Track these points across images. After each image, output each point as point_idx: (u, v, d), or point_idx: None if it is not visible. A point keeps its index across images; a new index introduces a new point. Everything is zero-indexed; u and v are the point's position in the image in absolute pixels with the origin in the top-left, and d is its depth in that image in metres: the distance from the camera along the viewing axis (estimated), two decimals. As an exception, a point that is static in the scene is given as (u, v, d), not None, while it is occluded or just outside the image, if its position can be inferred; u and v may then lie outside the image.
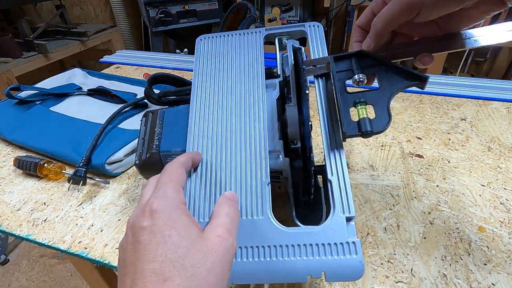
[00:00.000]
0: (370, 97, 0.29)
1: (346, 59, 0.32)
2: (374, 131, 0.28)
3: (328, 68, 0.33)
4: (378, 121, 0.28)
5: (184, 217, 0.22)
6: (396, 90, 0.29)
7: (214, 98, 0.34)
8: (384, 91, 0.29)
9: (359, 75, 0.30)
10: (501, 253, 0.36)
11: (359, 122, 0.28)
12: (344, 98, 0.30)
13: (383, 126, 0.28)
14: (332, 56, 0.32)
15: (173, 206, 0.23)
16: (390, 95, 0.29)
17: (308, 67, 0.33)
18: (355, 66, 0.31)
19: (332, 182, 0.28)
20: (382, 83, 0.30)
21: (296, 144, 0.29)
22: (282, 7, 2.01)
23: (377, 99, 0.29)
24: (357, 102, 0.29)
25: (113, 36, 1.97)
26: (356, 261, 0.25)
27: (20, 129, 0.58)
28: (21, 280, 1.24)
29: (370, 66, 0.31)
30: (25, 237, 0.41)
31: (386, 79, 0.30)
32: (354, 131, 0.28)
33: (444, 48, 0.29)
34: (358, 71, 0.31)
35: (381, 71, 0.31)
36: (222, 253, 0.22)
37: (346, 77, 0.31)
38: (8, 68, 1.41)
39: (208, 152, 0.31)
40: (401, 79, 0.30)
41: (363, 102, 0.29)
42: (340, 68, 0.32)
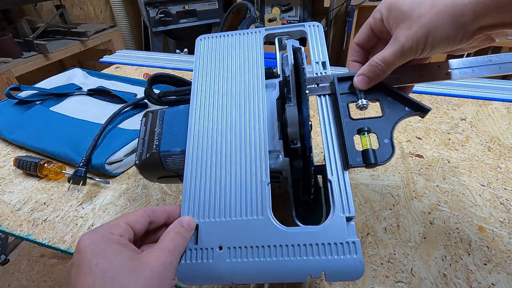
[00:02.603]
0: (374, 125, 0.29)
1: (349, 80, 0.31)
2: (378, 163, 0.28)
3: (331, 89, 0.32)
4: (381, 152, 0.28)
5: (113, 244, 0.23)
6: (399, 119, 0.29)
7: (214, 98, 0.34)
8: (388, 120, 0.29)
9: (363, 101, 0.30)
10: (501, 253, 0.36)
11: (364, 153, 0.28)
12: (348, 124, 0.30)
13: (387, 158, 0.28)
14: (336, 76, 0.32)
15: (101, 237, 0.23)
16: (393, 124, 0.29)
17: (310, 85, 0.32)
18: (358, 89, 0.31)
19: (332, 182, 0.28)
20: (385, 110, 0.30)
21: (296, 144, 0.29)
22: (282, 7, 2.01)
23: (380, 128, 0.29)
24: (361, 130, 0.29)
25: (113, 36, 1.98)
26: (356, 261, 0.25)
27: (20, 129, 0.58)
28: (21, 280, 1.24)
29: (374, 91, 0.31)
30: (25, 237, 0.41)
31: (389, 106, 0.30)
32: (359, 162, 0.28)
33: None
34: (362, 96, 0.30)
35: (384, 98, 0.30)
36: (158, 270, 0.22)
37: (349, 101, 0.31)
38: (8, 68, 1.41)
39: (208, 152, 0.31)
40: (403, 108, 0.30)
41: (367, 130, 0.29)
42: (343, 89, 0.31)
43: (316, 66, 0.34)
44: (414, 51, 0.26)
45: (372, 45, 0.33)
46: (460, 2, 0.23)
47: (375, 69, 0.29)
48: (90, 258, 0.21)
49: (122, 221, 0.25)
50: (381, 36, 0.32)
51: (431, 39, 0.25)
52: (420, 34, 0.25)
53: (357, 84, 0.30)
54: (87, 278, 0.21)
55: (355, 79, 0.30)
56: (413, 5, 0.26)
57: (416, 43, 0.25)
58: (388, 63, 0.28)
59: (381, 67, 0.28)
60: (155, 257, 0.23)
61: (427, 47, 0.26)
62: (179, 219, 0.28)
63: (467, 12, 0.23)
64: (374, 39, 0.32)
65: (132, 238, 0.25)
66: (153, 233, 0.28)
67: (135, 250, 0.24)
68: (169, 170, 0.34)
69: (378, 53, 0.28)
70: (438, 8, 0.24)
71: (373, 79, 0.29)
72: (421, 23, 0.25)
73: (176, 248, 0.25)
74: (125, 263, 0.22)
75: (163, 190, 0.48)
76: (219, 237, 0.27)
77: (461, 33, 0.24)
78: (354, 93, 0.31)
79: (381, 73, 0.29)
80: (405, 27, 0.26)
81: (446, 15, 0.24)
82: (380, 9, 0.29)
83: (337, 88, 0.31)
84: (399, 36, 0.26)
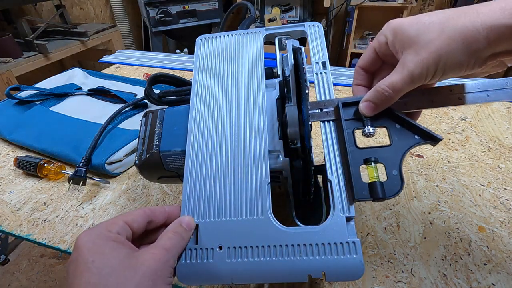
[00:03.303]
0: (381, 155, 0.28)
1: (354, 105, 0.30)
2: (386, 197, 0.26)
3: (336, 114, 0.30)
4: (390, 185, 0.26)
5: (110, 242, 0.23)
6: (408, 149, 0.28)
7: (214, 98, 0.34)
8: (396, 149, 0.28)
9: (369, 128, 0.28)
10: (501, 253, 0.36)
11: (371, 186, 0.27)
12: (354, 153, 0.28)
13: (395, 192, 0.26)
14: (341, 101, 0.30)
15: (98, 234, 0.23)
16: (402, 154, 0.27)
17: (314, 110, 0.31)
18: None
19: (332, 182, 0.28)
20: (393, 138, 0.28)
21: (296, 144, 0.29)
22: (282, 7, 2.01)
23: (388, 158, 0.27)
24: (367, 159, 0.28)
25: (113, 36, 1.98)
26: (356, 261, 0.25)
27: (20, 129, 0.58)
28: (21, 280, 1.24)
29: (381, 117, 0.29)
30: (25, 237, 0.41)
31: (398, 134, 0.28)
32: (366, 195, 0.26)
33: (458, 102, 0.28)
34: (368, 122, 0.29)
35: (392, 125, 0.29)
36: (154, 268, 0.22)
37: (355, 127, 0.29)
38: (8, 68, 1.41)
39: (208, 152, 0.31)
40: (413, 136, 0.28)
41: (374, 160, 0.28)
42: (348, 115, 0.30)
43: (316, 66, 0.34)
44: (423, 77, 0.25)
45: (376, 69, 0.32)
46: (472, 28, 0.22)
47: (381, 95, 0.27)
48: (87, 256, 0.22)
49: (120, 220, 0.25)
50: (385, 60, 0.31)
51: (442, 66, 0.24)
52: (431, 61, 0.24)
53: (362, 110, 0.29)
54: (84, 275, 0.21)
55: (360, 105, 0.29)
56: (420, 30, 0.25)
57: (426, 70, 0.25)
58: (395, 89, 0.26)
59: (388, 93, 0.27)
60: (151, 255, 0.23)
61: (438, 73, 0.25)
62: (178, 218, 0.28)
63: (480, 39, 0.22)
64: (379, 63, 0.31)
65: (130, 236, 0.25)
66: (152, 233, 0.28)
67: (132, 248, 0.24)
68: (169, 170, 0.34)
69: (385, 78, 0.27)
70: (448, 34, 0.23)
71: (379, 105, 0.28)
72: (431, 49, 0.24)
73: (174, 247, 0.25)
74: (122, 260, 0.22)
75: (163, 190, 0.48)
76: (219, 237, 0.27)
77: (474, 60, 0.23)
78: (360, 119, 0.29)
79: (388, 100, 0.27)
80: (413, 53, 0.25)
81: (457, 41, 0.23)
82: (385, 33, 0.28)
83: (342, 114, 0.29)
84: (407, 62, 0.25)
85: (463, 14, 0.23)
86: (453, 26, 0.23)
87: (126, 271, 0.21)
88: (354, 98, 0.30)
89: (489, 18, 0.22)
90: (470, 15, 0.23)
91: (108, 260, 0.22)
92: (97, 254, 0.22)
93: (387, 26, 0.28)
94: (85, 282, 0.20)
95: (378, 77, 0.32)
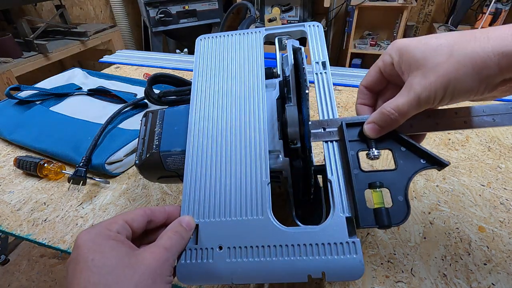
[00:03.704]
0: (387, 179, 0.27)
1: (359, 125, 0.29)
2: (392, 224, 0.25)
3: (340, 134, 0.30)
4: (395, 211, 0.26)
5: (110, 241, 0.23)
6: (414, 174, 0.27)
7: (214, 98, 0.34)
8: (401, 174, 0.27)
9: (374, 151, 0.28)
10: (501, 253, 0.36)
11: (376, 212, 0.26)
12: (358, 177, 0.27)
13: (401, 219, 0.25)
14: (345, 121, 0.29)
15: (98, 233, 0.23)
16: (407, 179, 0.27)
17: (316, 129, 0.30)
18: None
19: (332, 182, 0.28)
20: (399, 162, 0.27)
21: (296, 144, 0.29)
22: (282, 7, 2.01)
23: (393, 182, 0.27)
24: (372, 184, 0.27)
25: (113, 36, 1.98)
26: (356, 261, 0.25)
27: (20, 129, 0.58)
28: (21, 280, 1.24)
29: (386, 139, 0.28)
30: (25, 237, 0.41)
31: (403, 158, 0.28)
32: (371, 223, 0.26)
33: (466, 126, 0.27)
34: (373, 144, 0.28)
35: (397, 148, 0.28)
36: (154, 266, 0.22)
37: (359, 149, 0.29)
38: (8, 68, 1.41)
39: (208, 152, 0.31)
40: (419, 160, 0.27)
41: (379, 185, 0.27)
42: (352, 136, 0.29)
43: (316, 66, 0.34)
44: (431, 101, 0.25)
45: (381, 88, 0.32)
46: (482, 54, 0.22)
47: (386, 118, 0.27)
48: (87, 254, 0.22)
49: (120, 219, 0.25)
50: (391, 80, 0.30)
51: (451, 90, 0.23)
52: (439, 85, 0.23)
53: (367, 132, 0.28)
54: (83, 274, 0.21)
55: (365, 127, 0.28)
56: (427, 53, 0.24)
57: (434, 94, 0.24)
58: (402, 112, 0.26)
59: (394, 116, 0.26)
60: (151, 254, 0.23)
61: (446, 98, 0.24)
62: (178, 218, 0.28)
63: (490, 65, 0.22)
64: (383, 82, 0.31)
65: (130, 236, 0.26)
66: (152, 233, 0.28)
67: (131, 247, 0.24)
68: (169, 170, 0.34)
69: (390, 100, 0.27)
70: (457, 58, 0.23)
71: (384, 128, 0.27)
72: (439, 73, 0.23)
73: (173, 246, 0.25)
74: (121, 259, 0.22)
75: (163, 190, 0.48)
76: (219, 237, 0.27)
77: (484, 85, 0.23)
78: (364, 141, 0.29)
79: (394, 123, 0.27)
80: (420, 75, 0.24)
81: (467, 66, 0.22)
82: (390, 53, 0.28)
83: (346, 135, 0.29)
84: (413, 85, 0.25)
85: (472, 39, 0.23)
86: (462, 50, 0.23)
87: (125, 269, 0.21)
88: (358, 118, 0.29)
89: (500, 44, 0.21)
90: (481, 40, 0.22)
91: (107, 259, 0.22)
92: (97, 253, 0.22)
93: (392, 46, 0.28)
94: (85, 281, 0.20)
95: (383, 97, 0.32)
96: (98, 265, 0.21)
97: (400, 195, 0.26)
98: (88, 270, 0.21)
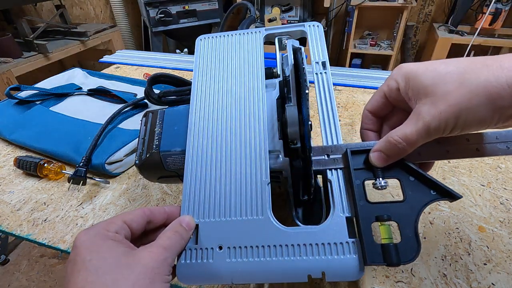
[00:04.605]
0: (395, 212, 0.25)
1: (364, 153, 0.28)
2: (401, 262, 0.24)
3: (344, 162, 0.28)
4: (404, 247, 0.24)
5: (108, 240, 0.23)
6: (424, 206, 0.25)
7: (214, 98, 0.34)
8: (410, 206, 0.25)
9: (381, 181, 0.27)
10: (501, 253, 0.36)
11: (384, 248, 0.24)
12: (364, 208, 0.26)
13: (411, 257, 0.24)
14: (350, 148, 0.28)
15: (96, 233, 0.23)
16: (417, 212, 0.25)
17: (320, 156, 0.29)
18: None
19: (332, 182, 0.28)
20: (407, 193, 0.26)
21: (296, 144, 0.29)
22: (282, 7, 2.01)
23: (402, 215, 0.25)
24: (380, 217, 0.25)
25: (113, 36, 1.98)
26: (356, 261, 0.25)
27: (20, 129, 0.58)
28: (21, 280, 1.24)
29: (393, 167, 0.27)
30: (25, 237, 0.41)
31: (412, 188, 0.26)
32: (379, 259, 0.24)
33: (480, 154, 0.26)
34: (380, 173, 0.27)
35: (406, 177, 0.27)
36: (151, 265, 0.22)
37: (365, 178, 0.27)
38: (8, 68, 1.41)
39: (208, 152, 0.31)
40: (429, 191, 0.26)
41: (387, 218, 0.25)
42: (358, 164, 0.28)
43: (316, 66, 0.34)
44: (441, 131, 0.24)
45: (386, 113, 0.31)
46: (496, 84, 0.21)
47: (394, 146, 0.25)
48: (85, 254, 0.22)
49: (118, 219, 0.25)
50: (396, 104, 0.29)
51: (463, 121, 0.23)
52: (449, 114, 0.23)
53: (373, 161, 0.27)
54: (81, 274, 0.21)
55: (371, 155, 0.27)
56: (436, 80, 0.24)
57: (445, 123, 0.23)
58: (410, 141, 0.25)
59: (402, 146, 0.25)
60: (149, 253, 0.23)
61: (457, 128, 0.23)
62: (178, 218, 0.28)
63: (505, 95, 0.21)
64: (389, 107, 0.30)
65: (129, 236, 0.25)
66: (152, 234, 0.28)
67: (130, 246, 0.24)
68: (169, 170, 0.34)
69: (397, 128, 0.26)
70: (469, 88, 0.22)
71: (392, 157, 0.26)
72: (449, 101, 0.22)
73: (172, 245, 0.25)
74: (119, 258, 0.22)
75: (163, 190, 0.48)
76: (219, 237, 0.27)
77: (498, 116, 0.22)
78: (370, 169, 0.27)
79: (401, 152, 0.26)
80: (429, 103, 0.23)
81: (480, 96, 0.21)
82: (396, 78, 0.27)
83: (351, 163, 0.27)
84: (422, 113, 0.24)
85: (485, 67, 0.22)
86: (474, 79, 0.22)
87: (123, 269, 0.21)
88: (364, 145, 0.28)
89: None
90: (494, 69, 0.21)
91: (105, 258, 0.22)
92: (94, 253, 0.22)
93: (398, 71, 0.27)
94: (82, 280, 0.20)
95: (388, 122, 0.31)
96: (96, 264, 0.21)
97: (410, 230, 0.25)
98: (86, 270, 0.21)
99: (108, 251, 0.22)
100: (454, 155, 0.26)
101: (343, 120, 0.63)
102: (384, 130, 0.31)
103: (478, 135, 0.26)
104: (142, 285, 0.21)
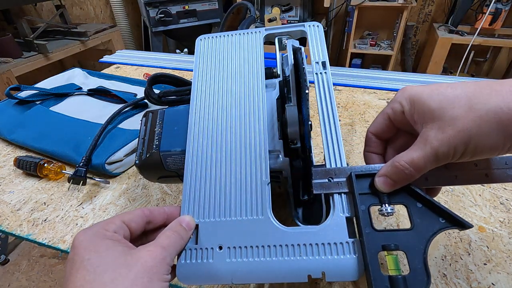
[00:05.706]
0: (402, 241, 0.24)
1: (369, 177, 0.27)
2: None
3: (349, 186, 0.27)
4: (413, 279, 0.23)
5: (107, 240, 0.23)
6: (433, 235, 0.24)
7: (214, 98, 0.34)
8: (418, 235, 0.24)
9: (387, 207, 0.25)
10: (501, 253, 0.36)
11: (391, 280, 0.23)
12: (370, 237, 0.24)
13: None
14: (354, 172, 0.27)
15: (95, 233, 0.23)
16: (426, 242, 0.24)
17: (322, 180, 0.28)
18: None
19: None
20: (415, 220, 0.25)
21: (296, 144, 0.29)
22: (282, 7, 2.01)
23: (410, 245, 0.24)
24: (386, 246, 0.24)
25: (113, 36, 1.98)
26: (356, 261, 0.25)
27: (20, 129, 0.58)
28: (21, 280, 1.24)
29: (400, 192, 0.26)
30: (25, 237, 0.41)
31: (420, 216, 0.25)
32: None
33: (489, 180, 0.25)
34: (386, 199, 0.26)
35: (413, 204, 0.26)
36: (150, 265, 0.22)
37: (371, 204, 0.26)
38: (8, 68, 1.41)
39: (208, 152, 0.31)
40: (437, 219, 0.25)
41: (394, 247, 0.24)
42: (362, 188, 0.26)
43: (316, 66, 0.34)
44: (450, 157, 0.23)
45: (390, 136, 0.30)
46: (507, 110, 0.21)
47: (400, 172, 0.25)
48: (83, 254, 0.22)
49: (117, 219, 0.25)
50: (401, 127, 0.29)
51: (473, 147, 0.22)
52: (458, 140, 0.22)
53: (379, 186, 0.26)
54: (79, 273, 0.21)
55: (376, 180, 0.26)
56: (443, 104, 0.23)
57: (454, 150, 0.22)
58: (417, 167, 0.24)
59: (409, 171, 0.24)
60: (147, 252, 0.23)
61: (466, 154, 0.22)
62: (178, 218, 0.28)
63: None
64: (393, 130, 0.29)
65: (128, 236, 0.26)
66: (151, 234, 0.28)
67: (128, 246, 0.24)
68: (169, 170, 0.34)
69: (404, 153, 0.25)
70: (479, 113, 0.21)
71: (398, 182, 0.25)
72: (458, 127, 0.22)
73: (171, 245, 0.25)
74: (117, 258, 0.22)
75: (163, 190, 0.48)
76: (219, 237, 0.27)
77: (509, 143, 0.22)
78: (375, 193, 0.26)
79: (409, 177, 0.25)
80: (436, 128, 0.23)
81: (490, 122, 0.21)
82: (400, 101, 0.26)
83: (356, 187, 0.26)
84: (430, 138, 0.23)
85: (494, 92, 0.21)
86: (484, 104, 0.21)
87: (121, 268, 0.21)
88: (369, 168, 0.27)
89: None
90: (503, 94, 0.21)
91: (103, 257, 0.22)
92: (93, 252, 0.22)
93: (402, 94, 0.26)
94: (81, 279, 0.21)
95: (393, 144, 0.30)
96: (94, 264, 0.21)
97: (419, 261, 0.23)
98: (84, 269, 0.21)
99: (107, 250, 0.22)
100: (462, 180, 0.26)
101: (343, 120, 0.63)
102: (388, 153, 0.31)
103: (486, 160, 0.25)
104: (140, 284, 0.21)
